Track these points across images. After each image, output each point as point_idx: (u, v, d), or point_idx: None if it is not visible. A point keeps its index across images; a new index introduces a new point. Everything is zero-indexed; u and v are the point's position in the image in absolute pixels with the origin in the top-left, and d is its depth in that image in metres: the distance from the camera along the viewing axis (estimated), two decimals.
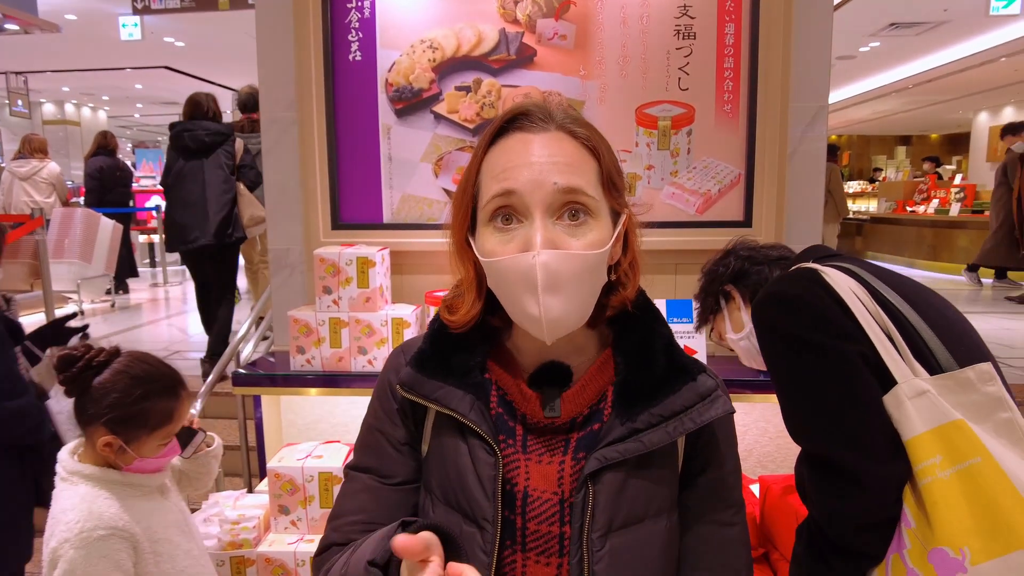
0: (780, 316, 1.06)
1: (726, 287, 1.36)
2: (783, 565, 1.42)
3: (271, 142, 2.19)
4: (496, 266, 0.74)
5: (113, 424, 1.25)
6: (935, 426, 0.91)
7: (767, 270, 1.30)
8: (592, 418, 0.79)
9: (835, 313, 1.01)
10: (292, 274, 2.25)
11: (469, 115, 2.11)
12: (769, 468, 2.15)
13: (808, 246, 1.26)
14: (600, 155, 0.77)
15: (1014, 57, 8.72)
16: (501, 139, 0.77)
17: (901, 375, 0.95)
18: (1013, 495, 0.83)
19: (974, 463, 0.87)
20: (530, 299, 0.72)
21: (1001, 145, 11.02)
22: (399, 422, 0.86)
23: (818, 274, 1.07)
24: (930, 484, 0.88)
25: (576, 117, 0.79)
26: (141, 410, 1.26)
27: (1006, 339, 4.62)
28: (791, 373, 1.05)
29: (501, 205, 0.74)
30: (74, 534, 1.18)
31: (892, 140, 17.70)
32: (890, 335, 0.99)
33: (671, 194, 2.11)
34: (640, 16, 2.04)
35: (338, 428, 2.27)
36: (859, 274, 1.08)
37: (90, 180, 6.57)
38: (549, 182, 0.72)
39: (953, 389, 0.94)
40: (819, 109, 2.09)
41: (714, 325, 1.42)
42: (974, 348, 1.02)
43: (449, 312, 0.83)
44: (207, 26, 7.82)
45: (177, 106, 15.18)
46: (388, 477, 0.84)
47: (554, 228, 0.72)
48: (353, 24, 2.08)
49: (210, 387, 2.31)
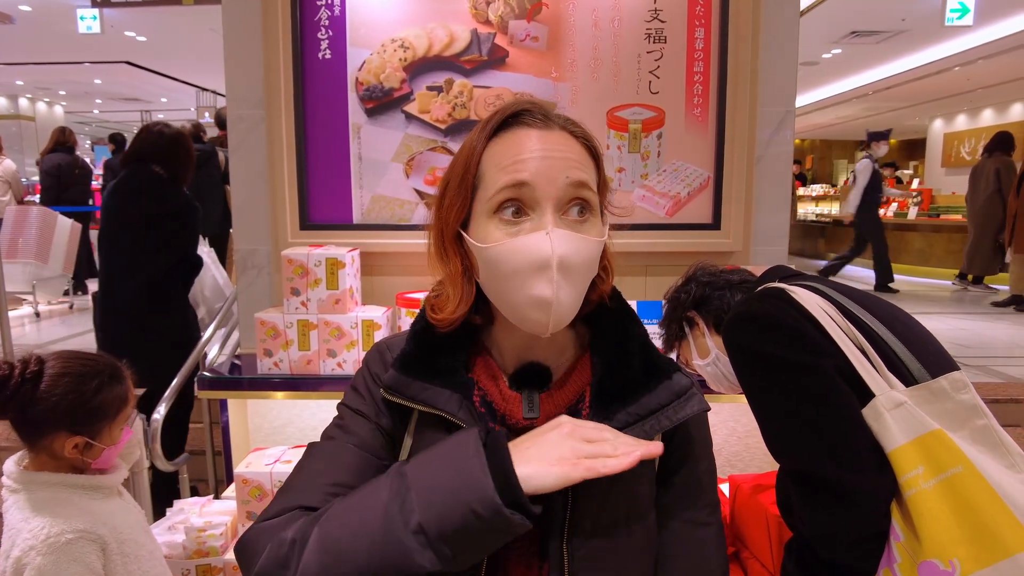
0: (753, 336, 1.06)
1: (689, 314, 1.37)
2: (753, 564, 1.44)
3: (237, 140, 2.15)
4: (502, 250, 0.72)
5: (76, 425, 1.23)
6: (915, 437, 0.90)
7: (728, 295, 1.31)
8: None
9: (807, 329, 1.01)
10: (259, 275, 2.20)
11: (441, 115, 2.10)
12: (738, 467, 2.18)
13: (769, 267, 1.28)
14: (597, 157, 0.79)
15: (967, 67, 9.04)
16: (504, 132, 0.76)
17: (878, 388, 0.95)
18: (996, 502, 0.83)
19: (956, 472, 0.86)
20: (541, 281, 0.70)
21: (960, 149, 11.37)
22: (381, 409, 0.82)
23: (786, 293, 1.08)
24: (915, 496, 0.88)
25: (571, 119, 0.79)
26: (99, 403, 1.25)
27: (961, 339, 4.78)
28: (769, 393, 1.04)
29: (510, 197, 0.72)
30: (40, 540, 1.14)
31: (853, 145, 18.17)
32: (863, 349, 0.99)
33: (642, 197, 2.12)
34: (611, 19, 2.06)
35: (307, 432, 2.23)
36: (825, 291, 1.08)
37: (47, 177, 6.35)
38: (562, 176, 0.72)
39: (928, 399, 0.94)
40: (786, 113, 2.13)
41: (680, 352, 1.42)
42: (941, 357, 1.03)
43: (434, 311, 0.82)
44: (171, 21, 7.64)
45: (139, 103, 14.73)
46: (357, 441, 0.80)
47: (562, 220, 0.73)
48: (323, 22, 2.05)
49: (175, 391, 2.25)
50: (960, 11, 6.52)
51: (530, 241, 0.71)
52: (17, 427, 1.24)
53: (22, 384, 1.20)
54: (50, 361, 1.25)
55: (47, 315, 5.71)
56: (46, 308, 5.86)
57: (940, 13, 6.55)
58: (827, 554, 0.97)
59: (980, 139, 11.70)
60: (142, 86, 11.96)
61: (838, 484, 0.92)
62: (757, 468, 2.16)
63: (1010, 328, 5.21)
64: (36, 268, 5.27)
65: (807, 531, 0.99)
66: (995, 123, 11.61)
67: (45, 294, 5.68)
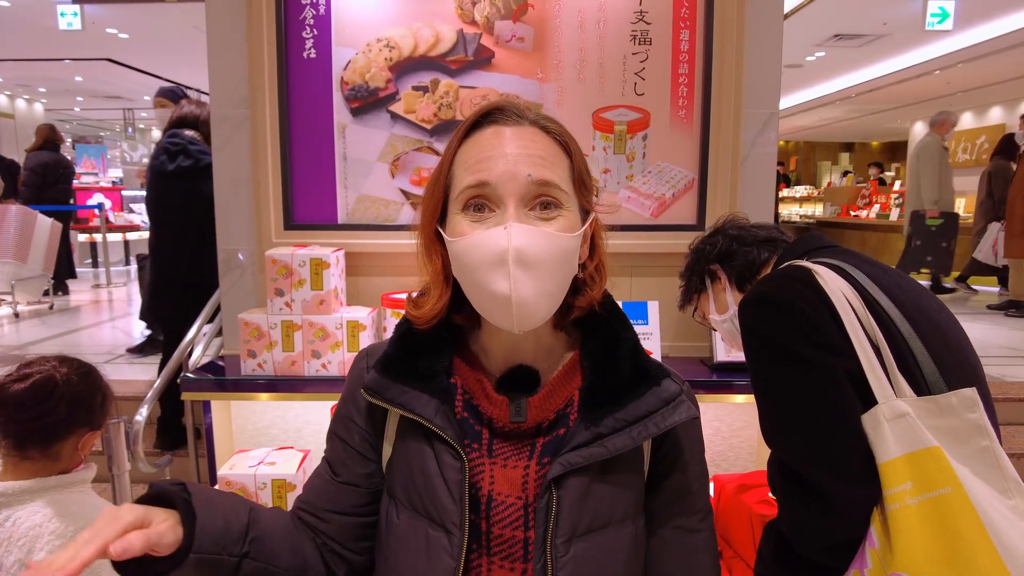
0: (767, 320, 1.01)
1: (712, 266, 1.32)
2: (737, 564, 1.45)
3: (221, 140, 2.13)
4: (465, 243, 0.73)
5: (98, 419, 1.32)
6: (910, 451, 0.88)
7: (755, 251, 1.26)
8: (558, 423, 0.79)
9: (824, 322, 0.96)
10: (242, 276, 2.18)
11: (426, 115, 2.09)
12: (722, 467, 2.19)
13: (802, 235, 1.23)
14: (572, 152, 0.79)
15: (947, 70, 9.16)
16: (475, 132, 0.77)
17: (883, 395, 0.92)
18: (978, 529, 0.82)
19: (944, 493, 0.84)
20: (499, 275, 0.71)
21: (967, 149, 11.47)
22: (353, 432, 0.86)
23: (812, 276, 1.01)
24: (897, 511, 0.86)
25: (548, 116, 0.80)
26: (105, 395, 1.34)
27: None
28: (772, 381, 1.02)
29: (474, 195, 0.74)
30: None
31: (836, 147, 18.37)
32: (879, 348, 0.95)
33: (627, 198, 2.13)
34: (597, 20, 2.06)
35: (291, 434, 2.22)
36: (854, 276, 1.02)
37: (32, 175, 6.26)
38: (523, 174, 0.72)
39: (934, 412, 0.90)
40: (770, 115, 2.15)
41: (698, 305, 1.38)
42: (965, 366, 0.99)
43: (415, 307, 0.82)
44: (153, 18, 7.55)
45: (122, 100, 14.57)
46: (336, 475, 0.86)
47: (527, 216, 0.73)
48: (308, 21, 2.04)
49: (157, 393, 2.22)
50: (940, 16, 6.62)
51: (488, 235, 0.71)
52: (29, 436, 1.24)
53: (49, 396, 1.23)
54: (49, 365, 1.28)
55: (27, 315, 5.62)
56: (26, 308, 5.76)
57: (921, 17, 6.64)
58: (801, 551, 0.97)
59: (960, 142, 11.88)
60: (124, 84, 11.79)
61: (822, 488, 0.92)
62: (742, 468, 2.17)
63: (987, 328, 5.30)
64: (15, 268, 5.18)
65: (785, 526, 0.99)
66: (974, 126, 11.79)
67: (24, 294, 5.59)
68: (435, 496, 0.77)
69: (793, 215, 12.23)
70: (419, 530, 0.77)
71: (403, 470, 0.81)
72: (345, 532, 0.85)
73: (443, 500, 0.76)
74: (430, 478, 0.78)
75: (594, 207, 0.82)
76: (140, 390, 3.28)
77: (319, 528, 0.85)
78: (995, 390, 3.40)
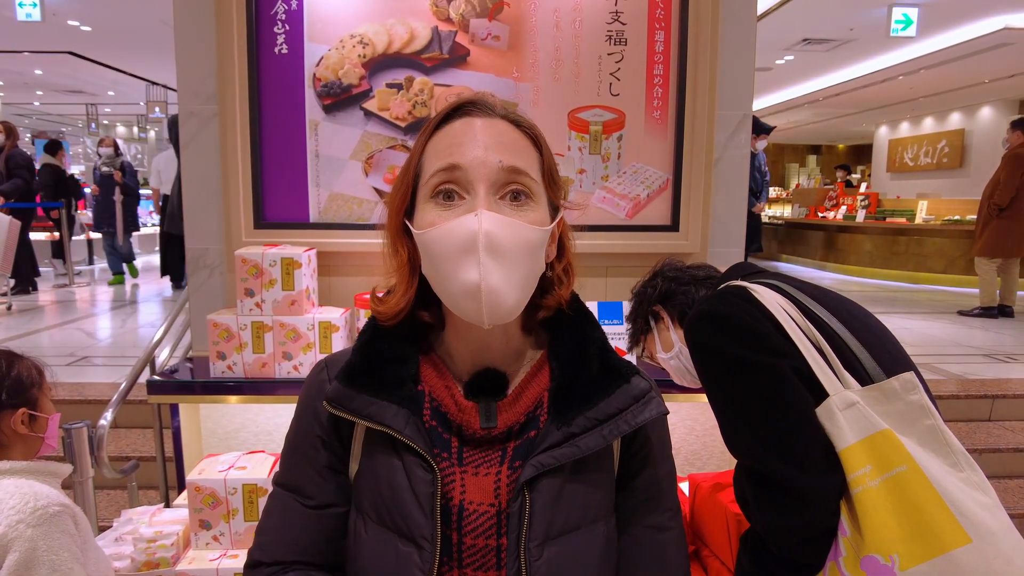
0: (712, 334, 1.07)
1: (655, 308, 1.39)
2: (713, 562, 1.46)
3: (189, 137, 2.07)
4: (434, 233, 0.72)
5: (13, 399, 1.28)
6: (864, 436, 0.93)
7: (693, 290, 1.33)
8: (528, 425, 0.78)
9: (766, 329, 1.03)
10: (211, 275, 2.13)
11: (400, 113, 2.07)
12: (697, 466, 2.21)
13: (732, 264, 1.30)
14: (542, 147, 0.78)
15: (910, 76, 9.41)
16: (446, 125, 0.77)
17: (832, 387, 0.98)
18: (937, 501, 0.86)
19: (901, 471, 0.89)
20: (469, 263, 0.69)
21: (904, 155, 11.82)
22: (320, 447, 0.82)
23: (747, 291, 1.10)
24: (861, 493, 0.91)
25: (517, 112, 0.80)
26: (17, 373, 1.30)
27: (905, 338, 4.97)
28: (726, 391, 1.06)
29: (444, 180, 0.72)
30: (28, 512, 1.13)
31: (804, 149, 18.74)
32: (820, 348, 1.02)
33: (602, 198, 2.14)
34: (573, 20, 2.06)
35: (262, 437, 2.17)
36: (786, 290, 1.11)
37: (27, 172, 6.15)
38: (494, 160, 0.72)
39: (880, 399, 0.96)
40: (743, 117, 2.17)
41: (645, 345, 1.44)
42: (898, 356, 1.06)
43: (379, 303, 0.81)
44: (117, 10, 7.35)
45: (84, 95, 14.18)
46: (308, 499, 0.82)
47: (497, 204, 0.72)
48: (280, 16, 2.00)
49: (123, 395, 2.16)
50: (904, 23, 6.80)
51: (459, 222, 0.70)
52: None
53: None
54: None
55: None
56: None
57: (886, 24, 6.82)
58: (778, 549, 1.00)
59: (922, 146, 12.21)
60: (87, 78, 11.47)
61: (789, 483, 0.95)
62: (716, 466, 2.19)
63: (948, 328, 5.44)
64: None
65: (760, 527, 1.02)
66: (935, 131, 12.13)
67: None
68: (405, 509, 0.75)
69: (763, 216, 12.42)
70: (388, 545, 0.75)
71: (370, 484, 0.78)
72: (339, 555, 0.82)
73: (413, 514, 0.74)
74: (399, 491, 0.75)
75: (564, 205, 0.81)
76: (104, 393, 3.19)
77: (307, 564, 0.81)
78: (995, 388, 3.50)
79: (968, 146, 11.39)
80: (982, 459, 3.10)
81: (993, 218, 5.74)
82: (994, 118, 11.01)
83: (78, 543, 1.20)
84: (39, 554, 1.12)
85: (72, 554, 1.16)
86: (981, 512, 0.86)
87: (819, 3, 6.61)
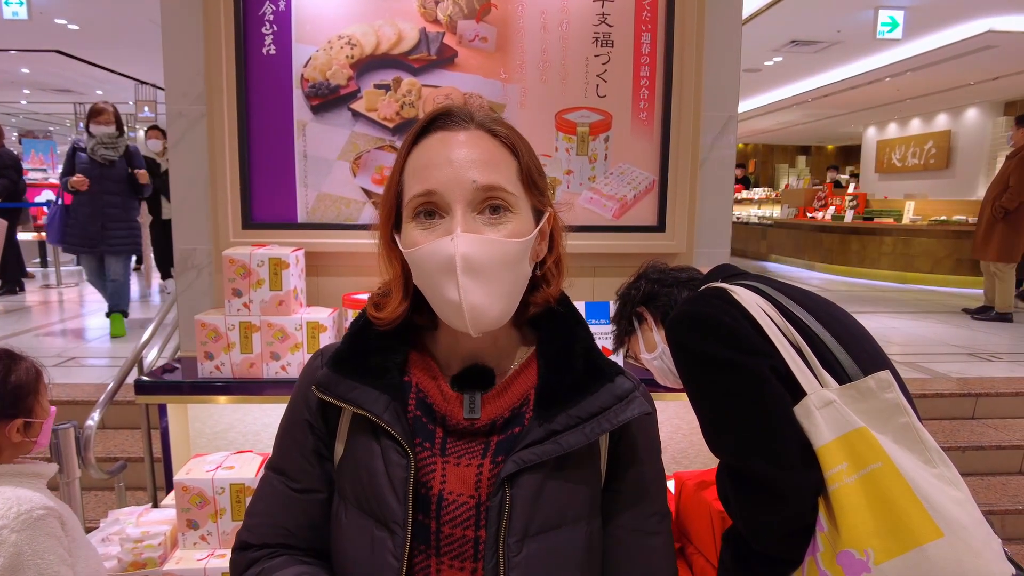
0: (692, 335, 1.09)
1: (638, 309, 1.41)
2: (698, 559, 1.48)
3: (176, 137, 2.07)
4: (418, 254, 0.75)
5: (10, 409, 1.27)
6: (841, 434, 0.95)
7: (676, 292, 1.35)
8: (513, 421, 0.79)
9: (745, 330, 1.05)
10: (199, 276, 2.13)
11: (388, 114, 2.07)
12: (683, 464, 2.23)
13: (715, 265, 1.32)
14: (519, 153, 0.79)
15: (897, 78, 9.50)
16: (424, 138, 0.78)
17: (810, 386, 1.00)
18: (910, 497, 0.88)
19: (875, 468, 0.91)
20: (450, 283, 0.72)
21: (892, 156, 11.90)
22: (308, 432, 0.84)
23: (727, 293, 1.12)
24: (837, 490, 0.92)
25: (496, 118, 0.81)
26: (16, 382, 1.29)
27: (892, 337, 5.03)
28: (706, 390, 1.08)
29: (423, 203, 0.75)
30: (12, 518, 1.13)
31: (793, 150, 18.85)
32: (799, 348, 1.04)
33: (589, 199, 2.15)
34: (560, 22, 2.08)
35: (250, 437, 2.17)
36: (765, 291, 1.13)
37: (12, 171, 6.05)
38: (468, 180, 0.73)
39: (856, 398, 0.98)
40: (729, 118, 2.19)
41: (629, 346, 1.46)
42: (875, 355, 1.08)
43: (376, 309, 0.83)
44: (105, 9, 7.30)
45: (71, 94, 14.04)
46: (294, 482, 0.84)
47: (475, 221, 0.74)
48: (267, 17, 2.00)
49: (110, 395, 2.16)
50: (890, 25, 6.86)
51: (436, 246, 0.73)
52: None
53: None
54: None
55: None
56: None
57: (872, 26, 6.88)
58: (759, 546, 1.02)
59: (909, 147, 12.32)
60: (75, 77, 11.37)
61: (768, 480, 0.97)
62: (702, 465, 2.22)
63: (935, 327, 5.50)
64: None
65: (740, 524, 1.04)
66: (922, 132, 12.24)
67: None
68: (380, 494, 0.76)
69: (752, 217, 12.50)
70: (365, 531, 0.77)
71: (352, 469, 0.80)
72: (323, 541, 0.83)
73: (387, 498, 0.76)
74: (376, 476, 0.77)
75: (550, 205, 0.82)
76: (91, 394, 3.17)
77: (293, 547, 0.83)
78: None
79: (954, 147, 11.50)
80: (966, 456, 3.16)
81: (998, 220, 5.58)
82: (979, 119, 11.13)
83: (64, 545, 1.20)
84: (24, 559, 1.12)
85: (59, 557, 1.16)
86: (953, 507, 0.88)
87: (807, 5, 6.67)
